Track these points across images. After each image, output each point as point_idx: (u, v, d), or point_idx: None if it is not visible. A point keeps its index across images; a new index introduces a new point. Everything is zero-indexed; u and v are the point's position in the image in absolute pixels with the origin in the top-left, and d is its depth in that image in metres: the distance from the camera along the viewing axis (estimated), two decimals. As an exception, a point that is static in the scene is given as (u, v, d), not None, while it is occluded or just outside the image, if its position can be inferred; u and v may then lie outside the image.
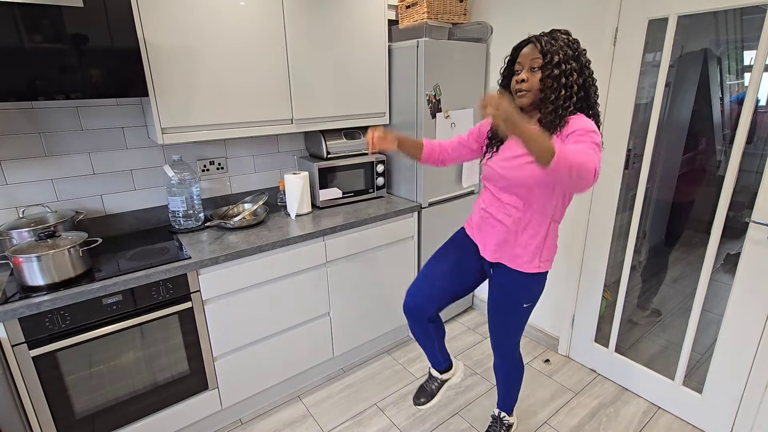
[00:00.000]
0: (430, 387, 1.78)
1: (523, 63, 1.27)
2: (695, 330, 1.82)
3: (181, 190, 1.89)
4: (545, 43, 1.21)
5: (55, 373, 1.43)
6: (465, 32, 2.36)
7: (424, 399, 1.77)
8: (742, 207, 1.64)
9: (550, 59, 1.20)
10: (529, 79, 1.25)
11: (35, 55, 1.31)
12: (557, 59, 1.20)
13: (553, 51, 1.20)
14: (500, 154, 1.39)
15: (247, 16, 1.76)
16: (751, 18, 1.74)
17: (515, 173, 1.32)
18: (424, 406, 1.76)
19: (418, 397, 1.78)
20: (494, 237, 1.44)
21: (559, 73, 1.20)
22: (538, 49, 1.22)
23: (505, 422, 1.79)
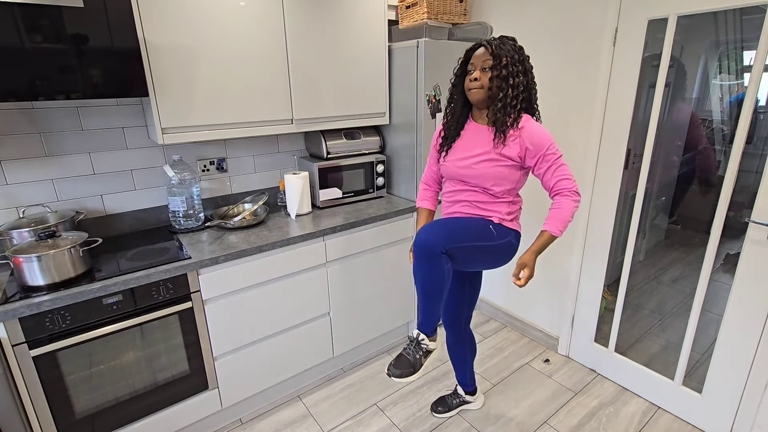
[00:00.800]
0: (451, 401, 1.93)
1: (475, 63, 1.40)
2: (695, 330, 1.82)
3: (181, 190, 1.89)
4: (495, 47, 1.36)
5: (55, 373, 1.43)
6: (465, 32, 2.36)
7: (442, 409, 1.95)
8: (742, 207, 1.64)
9: (499, 61, 1.35)
10: (481, 78, 1.39)
11: (35, 55, 1.32)
12: (505, 61, 1.35)
13: (502, 54, 1.35)
14: (454, 154, 1.51)
15: (247, 16, 1.76)
16: (751, 18, 1.74)
17: (472, 171, 1.45)
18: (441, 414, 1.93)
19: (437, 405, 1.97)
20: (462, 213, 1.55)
21: (507, 73, 1.35)
22: (489, 52, 1.36)
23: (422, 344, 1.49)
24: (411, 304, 2.44)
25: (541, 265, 2.37)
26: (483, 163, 1.43)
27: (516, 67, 1.36)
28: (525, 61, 1.39)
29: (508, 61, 1.35)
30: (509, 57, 1.35)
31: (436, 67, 2.13)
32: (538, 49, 2.13)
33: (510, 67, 1.35)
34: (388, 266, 2.26)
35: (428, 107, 2.17)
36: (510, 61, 1.35)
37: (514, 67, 1.36)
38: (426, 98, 2.14)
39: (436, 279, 1.39)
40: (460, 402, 1.98)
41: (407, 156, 2.32)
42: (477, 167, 1.44)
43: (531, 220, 2.30)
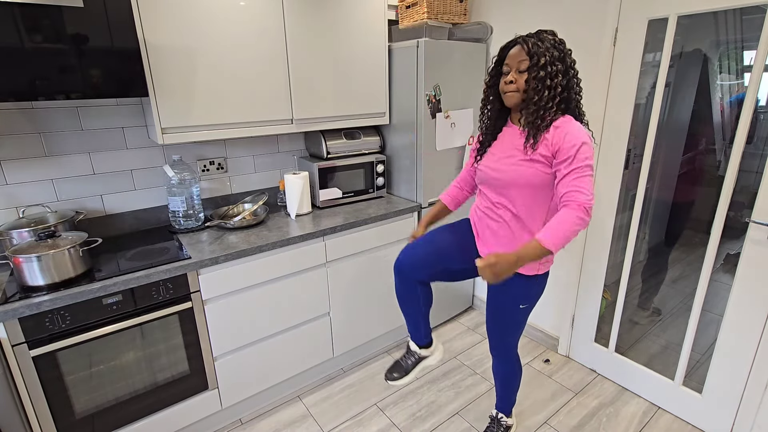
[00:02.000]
0: (406, 362, 1.72)
1: (510, 64, 1.28)
2: (695, 330, 1.82)
3: (181, 190, 1.89)
4: (532, 45, 1.22)
5: (55, 373, 1.43)
6: (465, 32, 2.36)
7: (398, 374, 1.70)
8: (742, 207, 1.64)
9: (536, 61, 1.22)
10: (517, 80, 1.26)
11: (35, 55, 1.31)
12: (543, 61, 1.21)
13: (540, 53, 1.21)
14: (490, 156, 1.41)
15: (247, 16, 1.76)
16: (751, 18, 1.74)
17: (505, 174, 1.33)
18: (397, 381, 1.70)
19: (392, 372, 1.72)
20: (491, 238, 1.44)
21: (545, 75, 1.22)
22: (525, 51, 1.23)
23: (503, 423, 1.79)
24: (411, 304, 2.44)
25: (541, 265, 2.37)
26: (514, 166, 1.30)
27: (555, 67, 1.21)
28: (566, 57, 1.24)
29: (546, 60, 1.21)
30: (548, 56, 1.21)
31: (436, 67, 2.13)
32: (538, 49, 2.13)
33: (549, 67, 1.21)
34: (389, 266, 2.25)
35: (428, 107, 2.17)
36: (549, 61, 1.21)
37: (553, 67, 1.21)
38: (426, 98, 2.14)
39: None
40: (417, 360, 1.71)
41: (407, 156, 2.32)
42: (508, 170, 1.32)
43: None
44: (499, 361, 1.66)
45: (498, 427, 1.79)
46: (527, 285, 1.43)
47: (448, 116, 2.26)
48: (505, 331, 1.56)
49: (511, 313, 1.50)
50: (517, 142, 1.33)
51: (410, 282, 1.54)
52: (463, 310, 2.83)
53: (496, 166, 1.36)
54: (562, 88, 1.24)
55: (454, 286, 2.67)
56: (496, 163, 1.36)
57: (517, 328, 1.55)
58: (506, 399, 1.76)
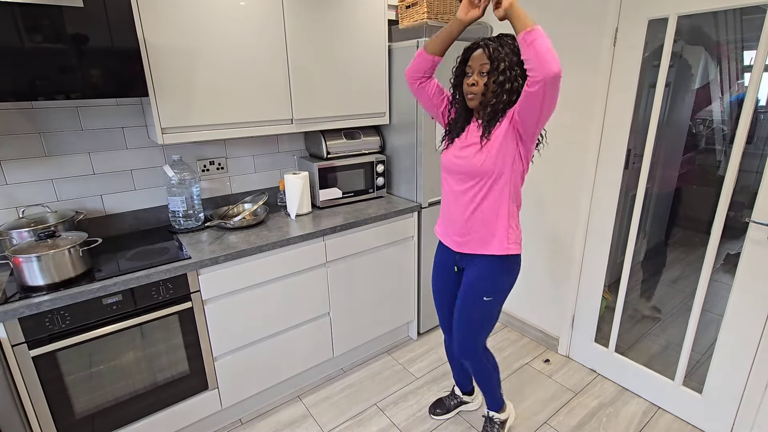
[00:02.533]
0: (449, 402, 1.97)
1: (473, 66, 1.34)
2: (695, 330, 1.82)
3: (181, 190, 1.89)
4: (493, 50, 1.29)
5: (55, 373, 1.43)
6: (465, 32, 2.35)
7: (441, 411, 1.96)
8: (742, 207, 1.64)
9: (496, 66, 1.28)
10: (478, 82, 1.33)
11: (35, 55, 1.31)
12: (503, 66, 1.28)
13: (500, 58, 1.28)
14: (456, 145, 1.47)
15: (247, 16, 1.76)
16: (751, 18, 1.74)
17: (470, 160, 1.39)
18: (439, 417, 1.96)
19: (435, 408, 1.97)
20: (459, 226, 1.48)
21: (504, 79, 1.28)
22: (486, 55, 1.29)
23: (496, 421, 1.80)
24: (411, 305, 2.44)
25: (542, 264, 2.37)
26: (475, 156, 1.38)
27: (514, 71, 1.28)
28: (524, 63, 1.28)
29: (506, 65, 1.27)
30: (508, 61, 1.27)
31: (436, 67, 2.13)
32: (538, 49, 2.13)
33: (508, 71, 1.28)
34: (388, 266, 2.26)
35: (428, 107, 2.17)
36: (508, 65, 1.27)
37: (512, 72, 1.28)
38: (426, 98, 2.14)
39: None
40: (458, 403, 1.98)
41: (407, 156, 2.32)
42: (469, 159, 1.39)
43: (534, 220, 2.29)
44: (471, 362, 1.64)
45: (492, 426, 1.80)
46: (496, 269, 1.45)
47: (448, 116, 2.26)
48: (469, 328, 1.54)
49: (476, 306, 1.50)
50: (476, 134, 1.41)
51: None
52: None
53: (459, 154, 1.43)
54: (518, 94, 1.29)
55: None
56: (459, 152, 1.44)
57: (482, 324, 1.54)
58: (491, 396, 1.76)
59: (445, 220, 1.57)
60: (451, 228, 1.52)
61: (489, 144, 1.35)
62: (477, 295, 1.50)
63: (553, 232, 2.29)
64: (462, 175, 1.44)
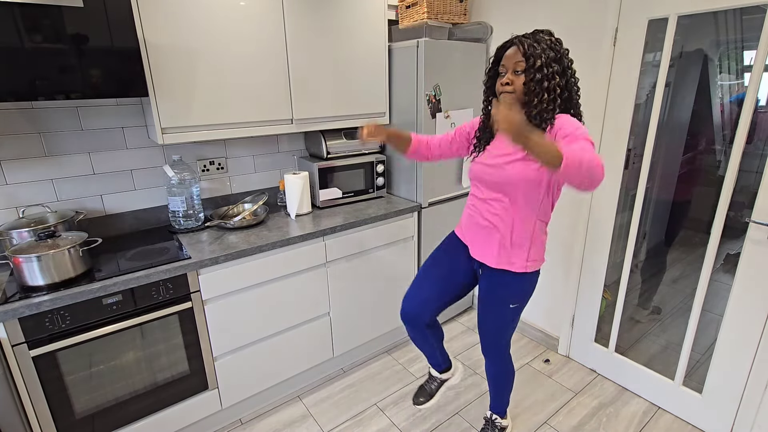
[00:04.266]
0: (429, 387, 1.83)
1: (507, 65, 1.27)
2: (695, 330, 1.82)
3: (181, 190, 1.89)
4: (528, 46, 1.21)
5: (55, 373, 1.43)
6: (465, 32, 2.36)
7: (424, 399, 1.82)
8: (742, 207, 1.64)
9: (533, 63, 1.21)
10: (514, 81, 1.26)
11: (35, 55, 1.31)
12: (540, 63, 1.20)
13: (536, 54, 1.20)
14: (488, 152, 1.41)
15: (247, 16, 1.76)
16: (751, 18, 1.74)
17: (503, 171, 1.33)
18: (424, 405, 1.81)
19: (418, 397, 1.83)
20: (482, 236, 1.44)
21: (542, 76, 1.21)
22: (521, 52, 1.22)
23: (497, 425, 1.78)
24: (411, 304, 2.44)
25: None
26: (513, 164, 1.29)
27: (552, 68, 1.21)
28: (563, 58, 1.24)
29: (543, 62, 1.20)
30: (545, 57, 1.20)
31: (436, 67, 2.13)
32: (538, 49, 2.13)
33: (545, 68, 1.20)
34: (388, 266, 2.26)
35: (428, 107, 2.17)
36: (545, 62, 1.20)
37: (549, 69, 1.20)
38: (426, 98, 2.14)
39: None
40: (439, 384, 1.83)
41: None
42: (506, 168, 1.31)
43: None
44: (492, 361, 1.65)
45: (492, 428, 1.78)
46: (517, 283, 1.44)
47: (448, 116, 2.26)
48: (496, 331, 1.55)
49: (502, 312, 1.49)
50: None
51: (420, 328, 1.63)
52: (462, 310, 2.84)
53: (493, 162, 1.36)
54: (561, 89, 1.23)
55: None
56: (493, 160, 1.37)
57: (508, 327, 1.54)
58: (499, 400, 1.74)
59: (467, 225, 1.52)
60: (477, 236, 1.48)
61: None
62: (502, 303, 1.48)
63: (553, 231, 2.28)
64: (492, 185, 1.38)
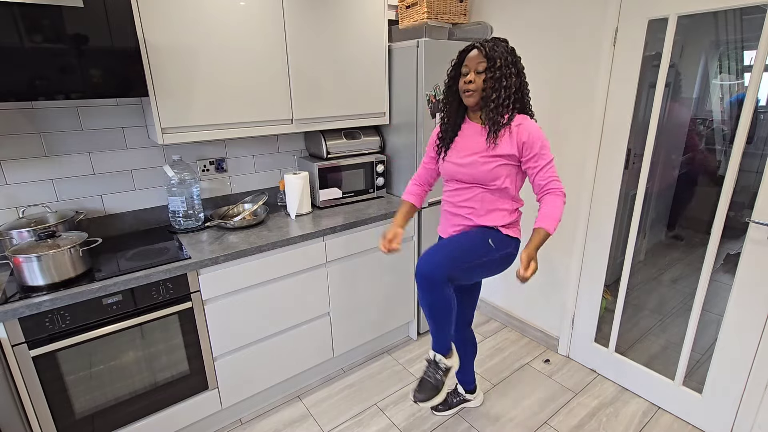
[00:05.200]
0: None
1: (469, 66, 1.41)
2: (695, 330, 1.82)
3: (181, 190, 1.89)
4: (489, 49, 1.37)
5: (55, 373, 1.43)
6: (465, 32, 2.36)
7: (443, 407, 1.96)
8: (742, 207, 1.64)
9: (493, 63, 1.36)
10: (475, 80, 1.40)
11: (35, 55, 1.31)
12: (499, 63, 1.36)
13: (496, 56, 1.36)
14: (453, 154, 1.53)
15: (247, 16, 1.76)
16: (751, 18, 1.74)
17: (474, 168, 1.45)
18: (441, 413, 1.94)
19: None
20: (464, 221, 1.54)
21: (500, 75, 1.37)
22: (483, 54, 1.37)
23: (441, 366, 1.53)
24: (411, 304, 2.44)
25: (541, 264, 2.37)
26: (479, 162, 1.44)
27: (509, 69, 1.38)
28: (518, 62, 1.41)
29: (501, 63, 1.36)
30: (502, 59, 1.36)
31: (436, 67, 2.13)
32: (538, 49, 2.13)
33: (503, 69, 1.37)
34: (388, 266, 2.26)
35: (428, 107, 2.17)
36: (503, 63, 1.36)
37: (507, 69, 1.37)
38: (426, 98, 2.14)
39: (443, 306, 1.44)
40: (461, 400, 1.98)
41: (407, 156, 2.32)
42: (474, 166, 1.45)
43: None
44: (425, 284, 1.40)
45: (436, 370, 1.52)
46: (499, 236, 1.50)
47: (448, 116, 2.26)
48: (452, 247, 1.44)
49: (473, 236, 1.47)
50: (479, 138, 1.46)
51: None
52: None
53: (463, 161, 1.48)
54: (515, 89, 1.40)
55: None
56: (463, 158, 1.48)
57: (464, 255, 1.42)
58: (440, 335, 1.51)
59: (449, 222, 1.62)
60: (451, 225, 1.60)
61: (496, 149, 1.41)
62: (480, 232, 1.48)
63: (553, 232, 2.29)
64: (465, 181, 1.50)
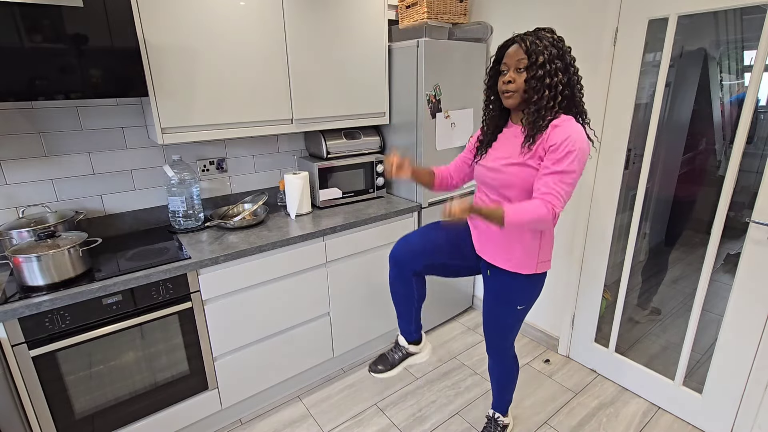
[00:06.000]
0: (392, 356, 1.68)
1: (509, 63, 1.25)
2: (695, 330, 1.82)
3: (181, 190, 1.89)
4: (530, 43, 1.20)
5: (55, 373, 1.43)
6: (465, 32, 2.36)
7: (383, 367, 1.68)
8: (742, 207, 1.64)
9: (535, 60, 1.19)
10: (516, 79, 1.24)
11: (35, 55, 1.31)
12: (542, 60, 1.19)
13: (538, 51, 1.19)
14: (489, 156, 1.40)
15: (247, 16, 1.76)
16: (751, 18, 1.74)
17: (501, 174, 1.32)
18: (381, 375, 1.67)
19: (376, 365, 1.68)
20: (490, 238, 1.44)
21: (544, 73, 1.19)
22: (523, 50, 1.21)
23: (500, 423, 1.79)
24: (411, 304, 2.44)
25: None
26: (509, 167, 1.29)
27: (554, 65, 1.19)
28: (566, 55, 1.22)
29: (545, 59, 1.18)
30: (547, 54, 1.18)
31: (436, 67, 2.13)
32: (538, 49, 2.13)
33: (548, 65, 1.18)
34: (388, 266, 2.25)
35: (428, 107, 2.17)
36: (548, 59, 1.18)
37: (552, 65, 1.19)
38: (426, 98, 2.14)
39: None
40: (404, 355, 1.70)
41: (407, 156, 2.31)
42: (504, 170, 1.31)
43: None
44: (495, 361, 1.66)
45: (495, 426, 1.78)
46: (526, 285, 1.43)
47: (448, 116, 2.26)
48: (501, 332, 1.56)
49: (508, 313, 1.50)
50: (516, 141, 1.31)
51: (406, 273, 1.55)
52: (462, 310, 2.83)
53: (492, 165, 1.35)
54: (563, 86, 1.22)
55: (453, 286, 2.67)
56: (493, 162, 1.36)
57: (512, 328, 1.55)
58: (502, 399, 1.76)
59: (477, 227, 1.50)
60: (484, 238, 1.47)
61: (529, 156, 1.25)
62: (509, 304, 1.47)
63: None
64: (493, 188, 1.37)
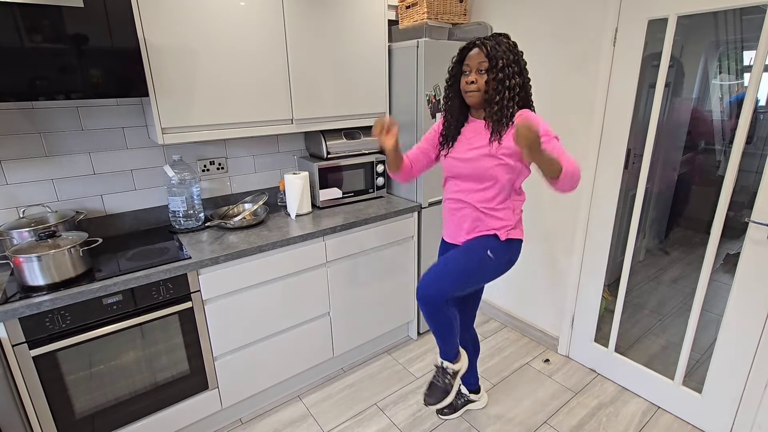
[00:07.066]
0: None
1: (471, 65, 1.38)
2: (695, 330, 1.82)
3: (181, 190, 1.89)
4: (491, 48, 1.33)
5: (55, 373, 1.43)
6: (465, 32, 2.36)
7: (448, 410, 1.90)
8: (742, 207, 1.64)
9: (495, 63, 1.33)
10: (478, 80, 1.37)
11: (35, 55, 1.31)
12: (501, 63, 1.32)
13: (498, 56, 1.32)
14: (455, 150, 1.49)
15: (247, 16, 1.76)
16: (751, 18, 1.74)
17: (476, 163, 1.42)
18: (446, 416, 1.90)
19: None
20: (467, 222, 1.51)
21: (503, 76, 1.33)
22: (485, 53, 1.34)
23: (448, 371, 1.60)
24: (411, 304, 2.44)
25: (541, 264, 2.38)
26: (482, 159, 1.40)
27: (512, 68, 1.34)
28: (520, 60, 1.37)
29: (504, 62, 1.32)
30: (505, 58, 1.32)
31: (436, 67, 2.13)
32: (538, 49, 2.13)
33: (506, 68, 1.33)
34: (388, 266, 2.26)
35: (428, 107, 2.17)
36: (506, 63, 1.32)
37: (510, 68, 1.33)
38: (426, 98, 2.14)
39: (445, 324, 1.53)
40: (465, 402, 1.96)
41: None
42: (476, 162, 1.42)
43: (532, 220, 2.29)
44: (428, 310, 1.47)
45: (444, 374, 1.60)
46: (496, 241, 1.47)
47: (448, 116, 2.26)
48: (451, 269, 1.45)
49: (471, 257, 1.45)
50: (482, 136, 1.42)
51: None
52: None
53: (466, 156, 1.45)
54: (519, 88, 1.36)
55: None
56: (465, 154, 1.45)
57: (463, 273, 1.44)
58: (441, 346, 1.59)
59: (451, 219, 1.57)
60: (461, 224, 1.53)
61: (500, 148, 1.37)
62: (481, 246, 1.46)
63: (553, 231, 2.29)
64: (466, 177, 1.47)
